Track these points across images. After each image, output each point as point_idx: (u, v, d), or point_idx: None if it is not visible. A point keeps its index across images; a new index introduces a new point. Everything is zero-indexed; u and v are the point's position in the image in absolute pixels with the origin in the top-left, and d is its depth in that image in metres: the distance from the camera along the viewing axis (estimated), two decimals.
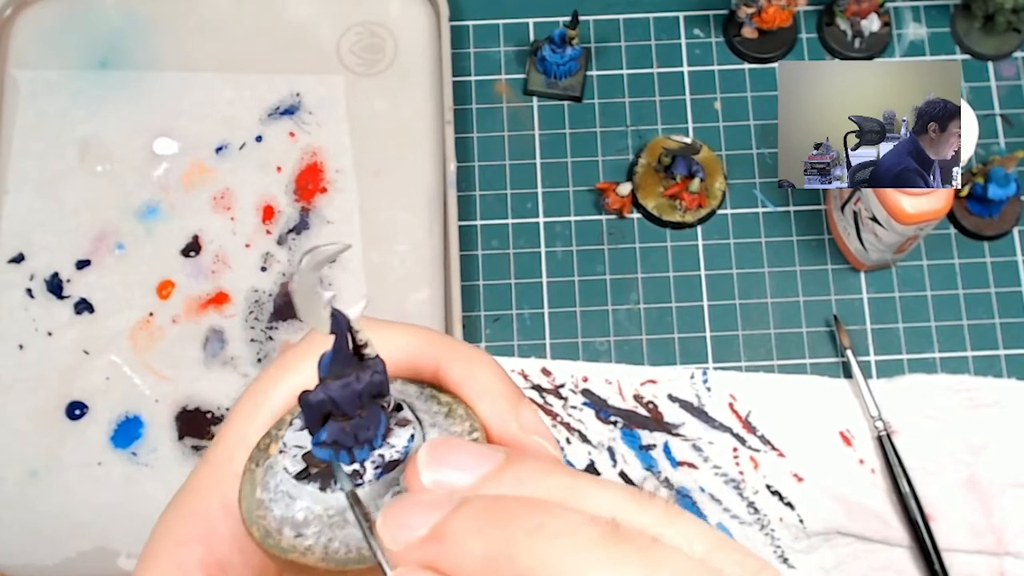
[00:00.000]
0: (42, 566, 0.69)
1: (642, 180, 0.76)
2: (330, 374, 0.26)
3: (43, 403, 0.72)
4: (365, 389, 0.26)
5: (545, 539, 0.22)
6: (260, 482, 0.27)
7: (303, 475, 0.27)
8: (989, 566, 0.69)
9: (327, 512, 0.26)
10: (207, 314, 0.74)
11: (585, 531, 0.22)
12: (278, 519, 0.26)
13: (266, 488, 0.27)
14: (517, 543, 0.22)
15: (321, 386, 0.26)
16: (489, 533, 0.23)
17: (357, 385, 0.26)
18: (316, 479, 0.27)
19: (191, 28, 0.80)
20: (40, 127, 0.77)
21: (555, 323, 0.74)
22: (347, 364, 0.26)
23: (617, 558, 0.22)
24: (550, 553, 0.22)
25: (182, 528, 0.29)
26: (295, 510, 0.27)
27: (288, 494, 0.27)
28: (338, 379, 0.26)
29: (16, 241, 0.75)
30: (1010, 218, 0.75)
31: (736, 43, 0.79)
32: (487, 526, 0.23)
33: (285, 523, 0.26)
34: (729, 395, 0.72)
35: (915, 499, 0.69)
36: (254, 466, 0.28)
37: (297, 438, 0.28)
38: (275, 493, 0.27)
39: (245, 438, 0.29)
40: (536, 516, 0.23)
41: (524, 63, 0.79)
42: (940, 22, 0.80)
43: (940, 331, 0.74)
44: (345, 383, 0.26)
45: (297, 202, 0.76)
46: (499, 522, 0.23)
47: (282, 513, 0.27)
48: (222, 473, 0.30)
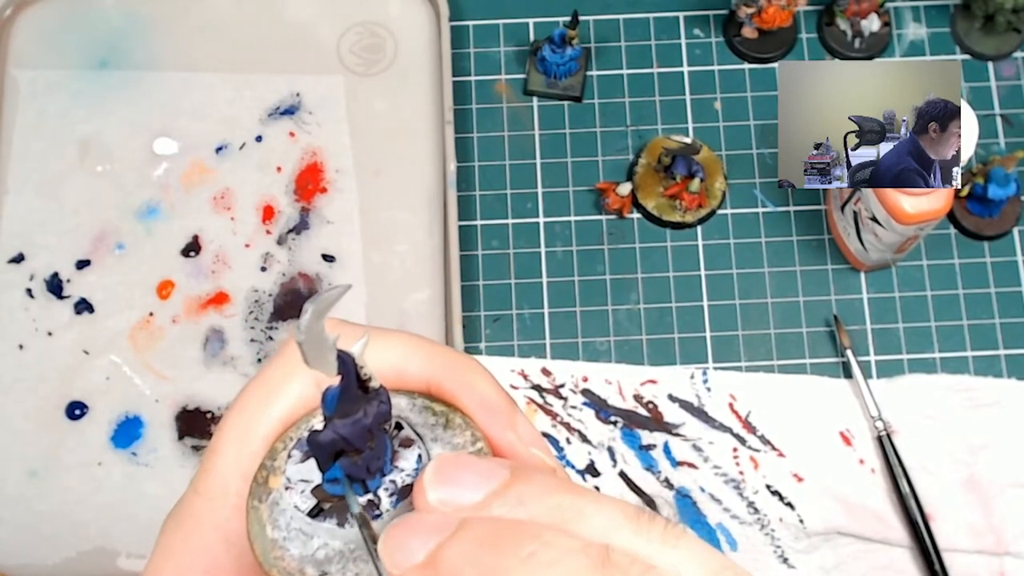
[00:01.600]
0: (42, 566, 0.69)
1: (642, 180, 0.76)
2: (337, 413, 0.26)
3: (43, 403, 0.72)
4: (374, 421, 0.26)
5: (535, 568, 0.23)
6: (268, 520, 0.27)
7: (315, 512, 0.27)
8: (989, 566, 0.69)
9: (347, 547, 0.26)
10: (207, 314, 0.74)
11: (575, 560, 0.23)
12: (297, 559, 0.26)
13: (277, 526, 0.27)
14: (509, 572, 0.23)
15: (330, 426, 0.26)
16: (483, 561, 0.23)
17: (366, 420, 0.26)
18: (331, 515, 0.27)
19: (191, 28, 0.80)
20: (40, 127, 0.77)
21: (555, 323, 0.74)
22: (354, 401, 0.26)
23: None
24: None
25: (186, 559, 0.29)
26: (314, 548, 0.26)
27: (303, 532, 0.27)
28: (346, 416, 0.26)
29: (16, 241, 0.75)
30: (1010, 218, 0.75)
31: (736, 43, 0.79)
32: (482, 554, 0.23)
33: (306, 562, 0.26)
34: (729, 395, 0.72)
35: (915, 499, 0.69)
36: (257, 503, 0.27)
37: (300, 471, 0.27)
38: (288, 531, 0.27)
39: (241, 468, 0.29)
40: (529, 544, 0.23)
41: (524, 63, 0.79)
42: (940, 22, 0.80)
43: (940, 331, 0.74)
44: (354, 420, 0.26)
45: (297, 202, 0.76)
46: (493, 550, 0.23)
47: (300, 552, 0.26)
48: (218, 505, 0.29)
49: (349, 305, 0.73)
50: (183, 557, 0.29)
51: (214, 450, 0.30)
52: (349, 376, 0.26)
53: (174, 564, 0.29)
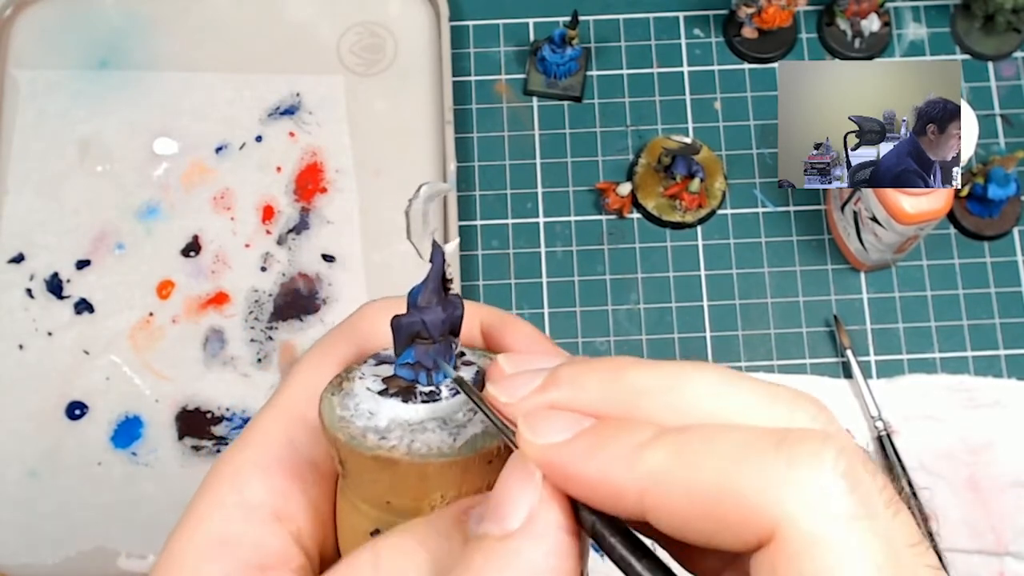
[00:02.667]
0: (42, 566, 0.69)
1: (642, 180, 0.76)
2: (421, 300, 0.30)
3: (43, 403, 0.72)
4: (448, 319, 0.30)
5: (646, 365, 0.25)
6: (339, 404, 0.29)
7: (383, 393, 0.29)
8: (989, 566, 0.69)
9: (408, 421, 0.29)
10: (207, 314, 0.74)
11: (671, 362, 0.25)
12: (361, 428, 0.29)
13: (345, 407, 0.29)
14: (624, 369, 0.25)
15: (413, 310, 0.30)
16: (599, 367, 0.25)
17: (443, 314, 0.30)
18: (397, 395, 0.29)
19: (191, 28, 0.80)
20: (40, 127, 0.77)
21: (555, 323, 0.74)
22: (436, 294, 0.30)
23: (709, 367, 0.25)
24: (653, 370, 0.25)
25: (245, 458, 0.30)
26: (377, 420, 0.29)
27: (369, 411, 0.29)
28: (428, 305, 0.30)
29: (16, 241, 0.75)
30: (1010, 218, 0.75)
31: (736, 43, 0.79)
32: (595, 364, 0.25)
33: (368, 430, 0.28)
34: None
35: (915, 499, 0.69)
36: (330, 395, 0.30)
37: (374, 370, 0.31)
38: (356, 410, 0.29)
39: (314, 384, 0.31)
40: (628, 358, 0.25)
41: (524, 63, 0.79)
42: (940, 22, 0.80)
43: (940, 331, 0.74)
44: (434, 311, 0.29)
45: (297, 202, 0.76)
46: (601, 362, 0.25)
47: (364, 424, 0.29)
48: (287, 416, 0.31)
49: (349, 305, 0.73)
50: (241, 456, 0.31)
51: (293, 372, 0.32)
52: (437, 265, 0.30)
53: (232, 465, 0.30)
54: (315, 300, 0.74)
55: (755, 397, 0.24)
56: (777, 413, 0.24)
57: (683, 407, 0.24)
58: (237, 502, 0.29)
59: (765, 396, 0.24)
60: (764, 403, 0.24)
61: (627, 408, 0.24)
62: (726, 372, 0.25)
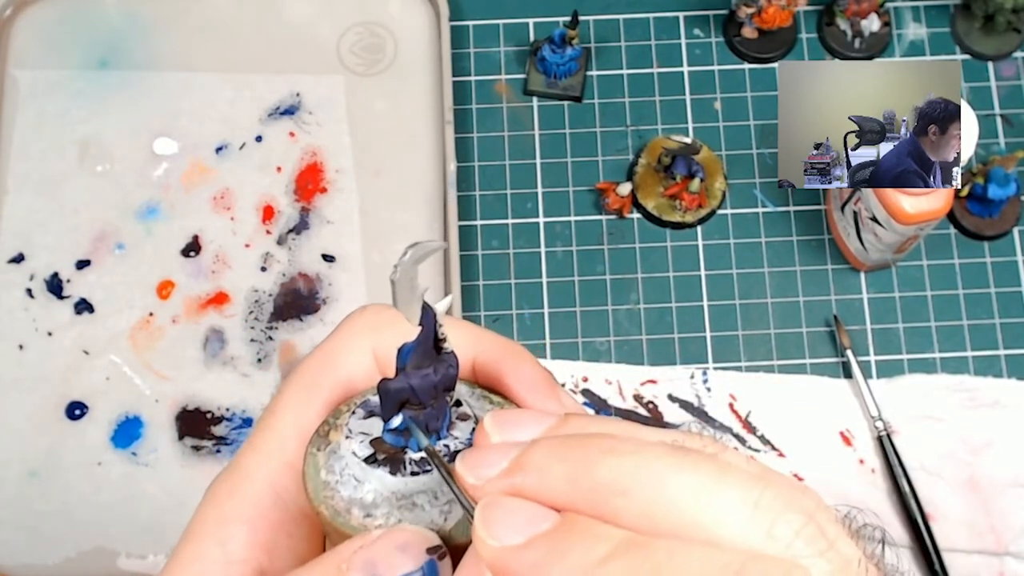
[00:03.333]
0: (42, 566, 0.69)
1: (642, 180, 0.76)
2: (411, 363, 0.28)
3: (43, 403, 0.72)
4: (441, 381, 0.28)
5: (620, 455, 0.23)
6: (324, 465, 0.28)
7: (371, 460, 0.28)
8: (989, 566, 0.69)
9: (395, 495, 0.27)
10: (207, 314, 0.74)
11: (654, 447, 0.24)
12: (346, 500, 0.27)
13: (331, 471, 0.28)
14: (595, 461, 0.23)
15: (401, 375, 0.28)
16: (567, 456, 0.24)
17: (435, 377, 0.28)
18: (385, 464, 0.28)
19: (191, 28, 0.80)
20: (40, 127, 0.77)
21: (555, 323, 0.74)
22: (428, 356, 0.28)
23: (687, 464, 0.23)
24: (627, 465, 0.23)
25: (230, 508, 0.29)
26: (363, 492, 0.27)
27: (355, 477, 0.28)
28: (418, 369, 0.28)
29: (16, 241, 0.75)
30: (1010, 218, 0.75)
31: (736, 43, 0.79)
32: (565, 451, 0.24)
33: (353, 503, 0.27)
34: (729, 395, 0.72)
35: (915, 499, 0.69)
36: (315, 450, 0.28)
37: (361, 426, 0.29)
38: (341, 476, 0.28)
39: (299, 427, 0.30)
40: (607, 441, 0.24)
41: (524, 63, 0.79)
42: (940, 22, 0.80)
43: (940, 331, 0.74)
44: (424, 374, 0.27)
45: (297, 202, 0.76)
46: (575, 447, 0.24)
47: (350, 495, 0.27)
48: (274, 463, 0.30)
49: (349, 305, 0.73)
50: (227, 506, 0.29)
51: (273, 410, 0.31)
52: (428, 328, 0.28)
53: (217, 512, 0.29)
54: (315, 300, 0.74)
55: (737, 504, 0.23)
56: (756, 526, 0.23)
57: (655, 513, 0.23)
58: (219, 557, 0.29)
59: (748, 503, 0.23)
60: (745, 513, 0.23)
61: (594, 506, 0.23)
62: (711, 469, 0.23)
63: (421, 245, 0.27)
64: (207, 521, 0.29)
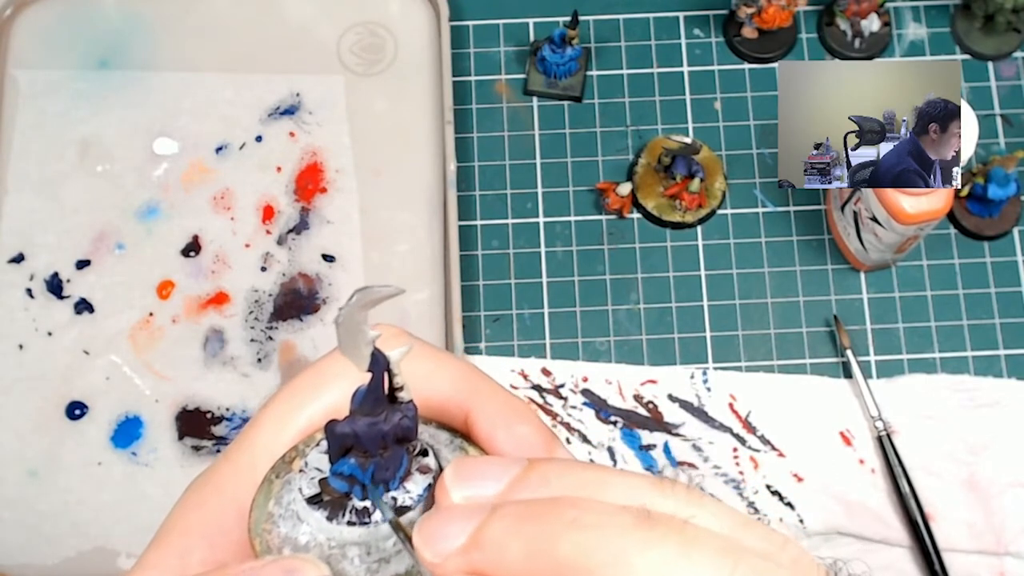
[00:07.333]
0: (42, 566, 0.69)
1: (642, 180, 0.76)
2: (359, 409, 0.26)
3: (43, 403, 0.72)
4: (391, 431, 0.26)
5: (582, 530, 0.23)
6: (275, 495, 0.27)
7: (315, 500, 0.27)
8: (989, 566, 0.69)
9: (329, 542, 0.26)
10: (207, 314, 0.74)
11: (619, 518, 0.23)
12: (282, 537, 0.26)
13: (279, 503, 0.27)
14: (555, 537, 0.23)
15: (349, 419, 0.26)
16: (526, 531, 0.23)
17: (384, 426, 0.26)
18: (326, 507, 0.26)
19: (191, 28, 0.80)
20: (40, 127, 0.77)
21: (555, 323, 0.74)
22: (379, 404, 0.26)
23: (653, 540, 0.22)
24: (589, 541, 0.22)
25: (195, 520, 0.29)
26: (299, 532, 0.26)
27: (297, 515, 0.27)
28: (367, 416, 0.26)
29: (16, 241, 0.75)
30: (1010, 218, 0.75)
31: (736, 43, 0.79)
32: (524, 526, 0.23)
33: (287, 543, 0.26)
34: (729, 395, 0.72)
35: (915, 499, 0.69)
36: (274, 477, 0.28)
37: (320, 460, 0.27)
38: (286, 510, 0.27)
39: (271, 449, 0.29)
40: (569, 511, 0.23)
41: (524, 63, 0.79)
42: (940, 22, 0.80)
43: (940, 331, 0.74)
44: (372, 422, 0.26)
45: (297, 202, 0.76)
46: (535, 521, 0.23)
47: (287, 532, 0.27)
48: (243, 481, 0.29)
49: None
50: (192, 517, 0.29)
51: (254, 424, 0.30)
52: (377, 376, 0.26)
53: (183, 523, 0.29)
54: (315, 300, 0.74)
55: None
56: None
57: None
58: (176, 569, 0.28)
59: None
60: None
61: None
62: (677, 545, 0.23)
63: (369, 290, 0.25)
64: (172, 531, 0.29)
